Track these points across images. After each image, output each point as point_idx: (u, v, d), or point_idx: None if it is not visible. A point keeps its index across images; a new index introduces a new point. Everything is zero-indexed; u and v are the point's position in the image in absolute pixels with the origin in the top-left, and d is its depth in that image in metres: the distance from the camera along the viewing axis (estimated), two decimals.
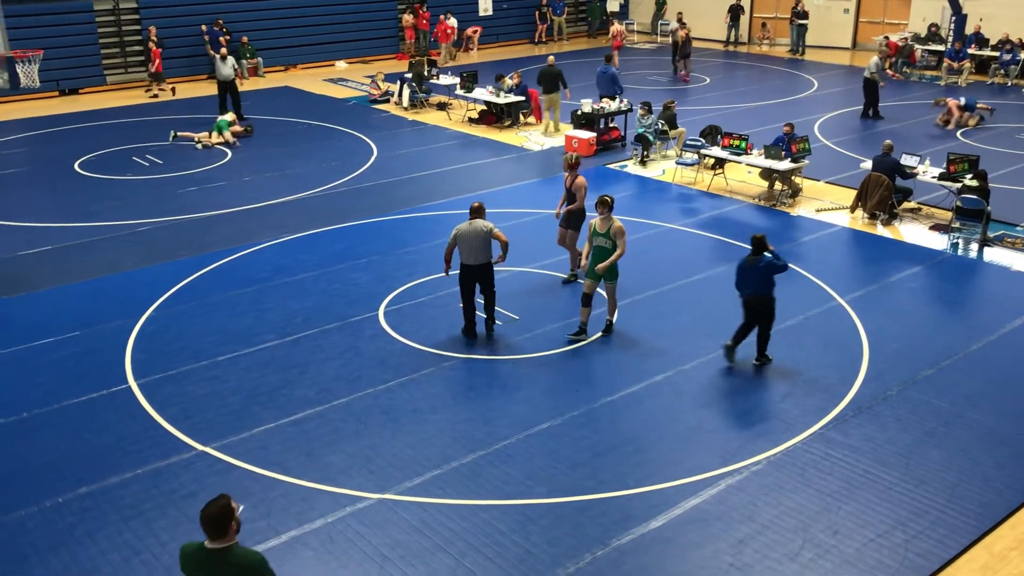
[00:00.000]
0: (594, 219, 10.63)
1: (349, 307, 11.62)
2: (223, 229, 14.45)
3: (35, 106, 23.20)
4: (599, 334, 10.83)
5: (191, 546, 5.04)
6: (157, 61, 24.32)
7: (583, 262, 10.70)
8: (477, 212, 10.51)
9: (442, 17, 28.71)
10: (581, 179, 12.14)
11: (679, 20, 27.81)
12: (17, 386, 9.76)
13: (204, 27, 25.94)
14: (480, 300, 10.90)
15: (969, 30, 26.70)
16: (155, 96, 24.33)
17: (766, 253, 9.81)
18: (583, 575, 7.05)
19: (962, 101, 20.62)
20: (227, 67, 21.28)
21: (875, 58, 20.89)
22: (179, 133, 19.76)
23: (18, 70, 12.29)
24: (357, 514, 7.72)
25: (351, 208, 15.45)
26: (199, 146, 19.18)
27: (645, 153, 17.93)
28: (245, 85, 25.80)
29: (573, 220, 12.18)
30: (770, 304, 9.83)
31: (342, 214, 15.13)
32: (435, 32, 28.99)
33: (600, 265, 10.36)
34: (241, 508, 4.97)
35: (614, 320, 10.92)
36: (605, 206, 10.53)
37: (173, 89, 24.75)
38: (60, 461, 8.45)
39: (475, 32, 31.07)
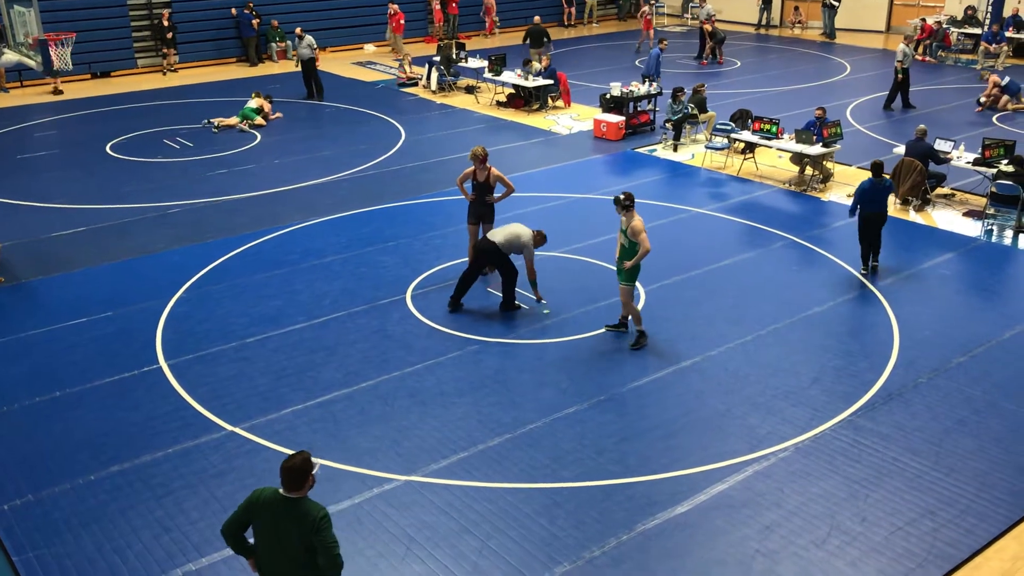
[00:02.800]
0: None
1: (377, 290, 11.67)
2: (252, 211, 14.54)
3: (67, 89, 23.41)
4: (613, 326, 10.78)
5: (266, 491, 5.37)
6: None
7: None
8: (540, 237, 10.86)
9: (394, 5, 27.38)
10: (495, 170, 11.63)
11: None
12: (51, 365, 9.91)
13: (234, 10, 26.03)
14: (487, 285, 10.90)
15: (1007, 12, 26.21)
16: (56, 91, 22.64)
17: (885, 176, 11.85)
18: (608, 559, 7.06)
19: (1005, 81, 20.23)
20: (303, 46, 21.51)
21: (902, 45, 20.39)
22: (217, 124, 19.61)
23: (51, 53, 12.39)
24: (384, 495, 7.78)
25: (379, 191, 15.49)
26: (215, 129, 19.34)
27: (674, 136, 17.81)
28: (273, 68, 25.93)
29: (488, 214, 11.75)
30: (887, 216, 11.90)
31: (370, 197, 15.18)
32: (392, 22, 27.43)
33: (626, 264, 9.84)
34: (318, 467, 5.38)
35: (641, 328, 10.18)
36: (618, 204, 9.86)
37: (57, 88, 22.87)
38: (93, 439, 8.58)
39: (491, 9, 30.37)
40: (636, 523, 7.44)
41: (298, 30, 22.05)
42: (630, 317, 10.35)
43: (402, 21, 27.39)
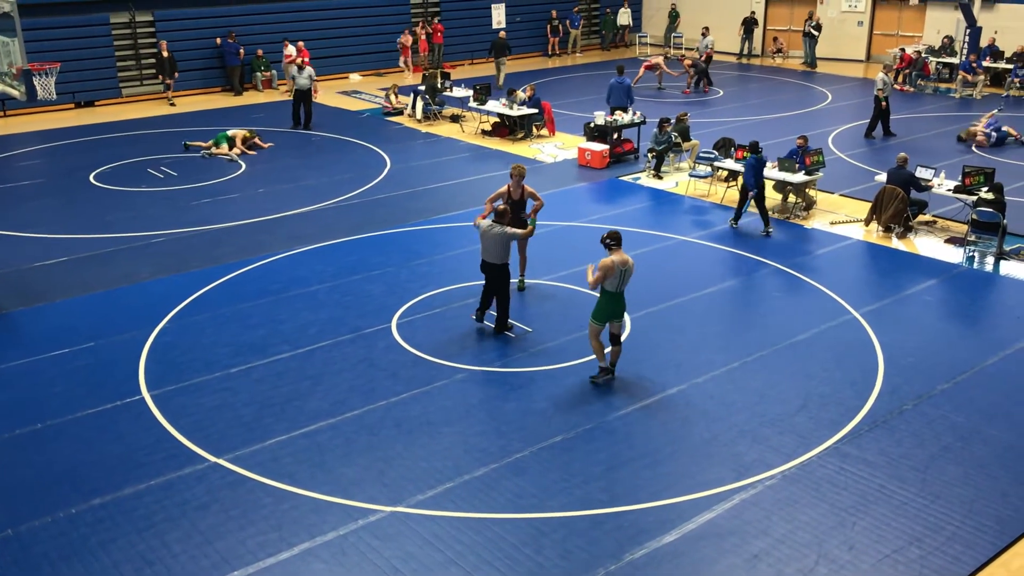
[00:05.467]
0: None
1: (362, 319, 11.63)
2: (237, 241, 14.50)
3: (51, 118, 23.38)
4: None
5: None
6: None
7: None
8: (501, 216, 10.85)
9: (295, 45, 25.73)
10: (528, 187, 12.11)
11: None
12: (33, 397, 9.80)
13: (219, 40, 26.11)
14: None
15: (983, 42, 26.62)
16: None
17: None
18: None
19: (992, 136, 20.01)
20: (303, 77, 21.50)
21: (881, 74, 20.62)
22: (191, 143, 20.05)
23: (35, 82, 12.36)
24: (369, 527, 7.71)
25: (365, 220, 15.49)
26: (206, 155, 19.56)
27: (655, 166, 17.93)
28: (258, 98, 25.98)
29: (520, 226, 11.93)
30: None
31: (356, 226, 15.17)
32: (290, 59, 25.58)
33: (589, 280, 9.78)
34: None
35: (603, 366, 9.98)
36: (604, 242, 9.81)
37: None
38: (74, 472, 8.47)
39: (406, 50, 28.87)
40: (624, 553, 7.39)
41: (300, 59, 21.92)
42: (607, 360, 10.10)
43: (307, 59, 25.29)
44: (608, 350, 10.08)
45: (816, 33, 29.89)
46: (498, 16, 30.10)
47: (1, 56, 13.13)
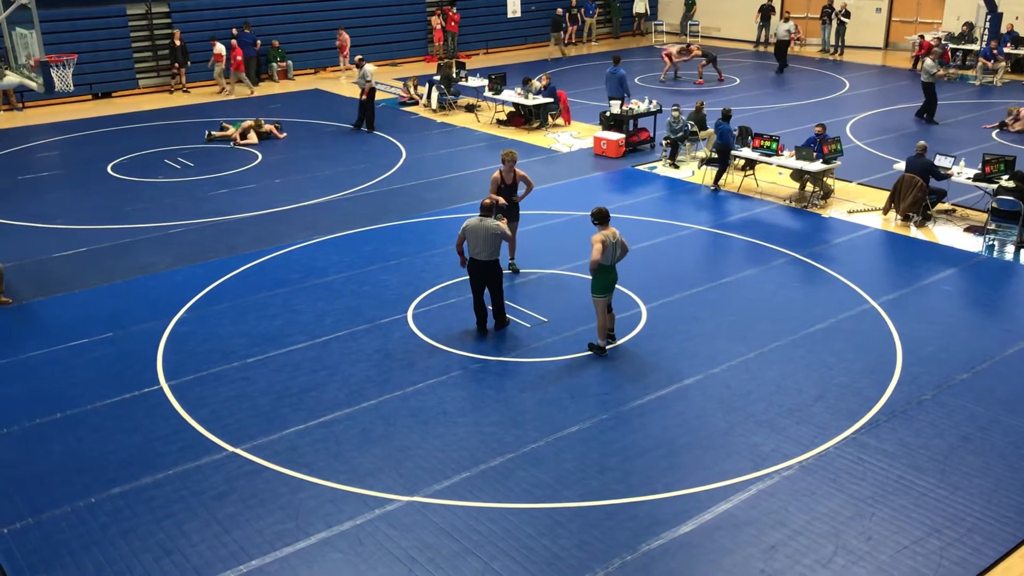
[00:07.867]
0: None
1: (378, 309, 11.65)
2: (253, 231, 14.54)
3: (69, 110, 23.49)
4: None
5: None
6: None
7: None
8: (487, 210, 10.69)
9: (226, 43, 24.88)
10: (519, 170, 12.24)
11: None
12: (52, 386, 9.88)
13: (235, 31, 26.13)
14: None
15: (1003, 29, 26.31)
16: None
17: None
18: None
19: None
20: (358, 77, 20.56)
21: (929, 60, 20.45)
22: (214, 133, 20.11)
23: (53, 74, 12.44)
24: (386, 516, 7.73)
25: (380, 210, 15.50)
26: (210, 136, 19.98)
27: (671, 155, 17.85)
28: (274, 88, 26.00)
29: (516, 213, 12.29)
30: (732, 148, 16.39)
31: (371, 216, 15.18)
32: (230, 58, 24.86)
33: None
34: None
35: (601, 344, 10.35)
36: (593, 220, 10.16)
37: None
38: (94, 461, 8.54)
39: (343, 47, 27.47)
40: (640, 543, 7.38)
41: (358, 58, 21.34)
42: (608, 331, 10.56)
43: (239, 57, 24.72)
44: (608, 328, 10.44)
45: (846, 20, 29.63)
46: (513, 5, 29.98)
47: (19, 48, 13.21)
